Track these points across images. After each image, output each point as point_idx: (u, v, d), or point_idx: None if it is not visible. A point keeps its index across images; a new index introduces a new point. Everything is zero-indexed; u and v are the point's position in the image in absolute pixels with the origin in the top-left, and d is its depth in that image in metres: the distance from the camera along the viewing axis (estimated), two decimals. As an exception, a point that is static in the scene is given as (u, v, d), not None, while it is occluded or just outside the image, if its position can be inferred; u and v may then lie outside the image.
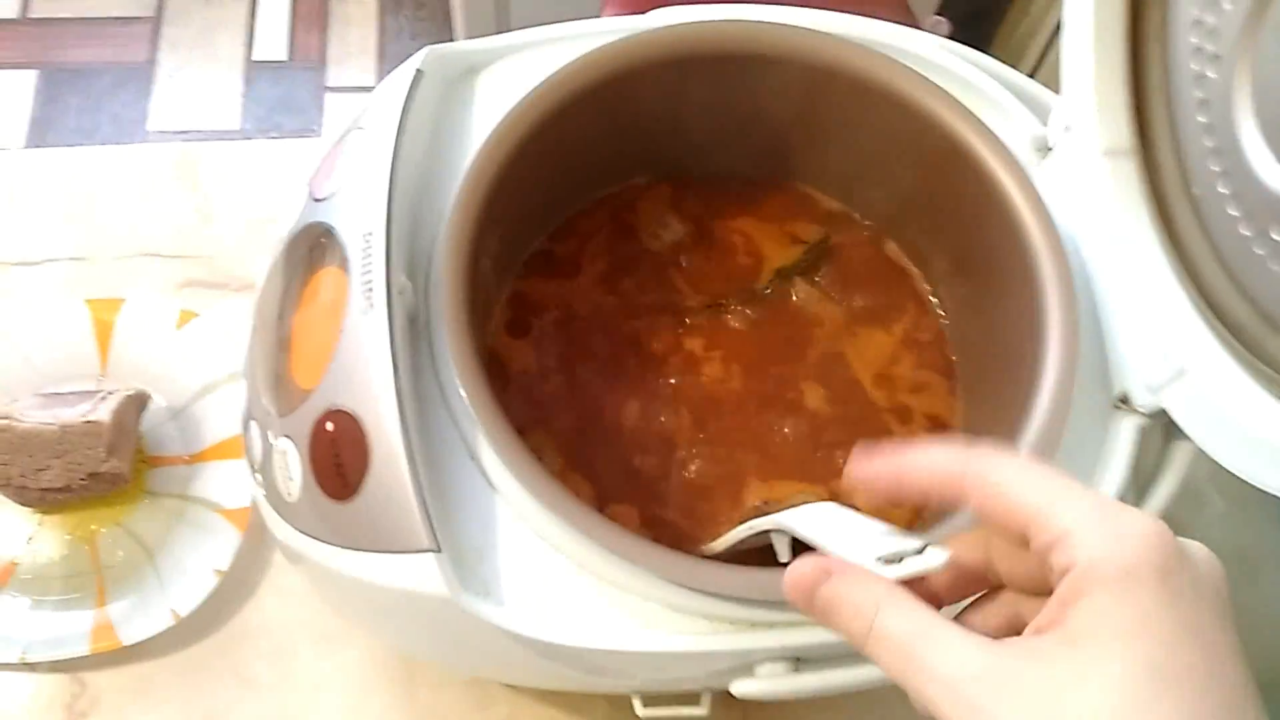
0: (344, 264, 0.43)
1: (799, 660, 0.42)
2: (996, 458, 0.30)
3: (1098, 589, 0.26)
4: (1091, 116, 0.46)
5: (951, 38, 0.53)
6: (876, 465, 0.33)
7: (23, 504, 0.60)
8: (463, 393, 0.42)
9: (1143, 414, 0.45)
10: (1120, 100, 0.45)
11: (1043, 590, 0.29)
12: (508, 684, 0.58)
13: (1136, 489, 0.45)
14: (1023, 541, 0.29)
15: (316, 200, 0.45)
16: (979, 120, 0.48)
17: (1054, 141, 0.49)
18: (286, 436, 0.43)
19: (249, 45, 1.78)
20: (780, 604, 0.41)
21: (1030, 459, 0.32)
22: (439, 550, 0.39)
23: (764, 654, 0.41)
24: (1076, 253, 0.47)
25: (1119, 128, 0.45)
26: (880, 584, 0.30)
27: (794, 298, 0.55)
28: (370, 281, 0.41)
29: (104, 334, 0.64)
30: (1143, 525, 0.27)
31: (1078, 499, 0.28)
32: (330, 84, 1.75)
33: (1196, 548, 0.28)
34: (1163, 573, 0.26)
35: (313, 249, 0.45)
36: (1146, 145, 0.45)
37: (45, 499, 0.59)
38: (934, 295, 0.56)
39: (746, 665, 0.42)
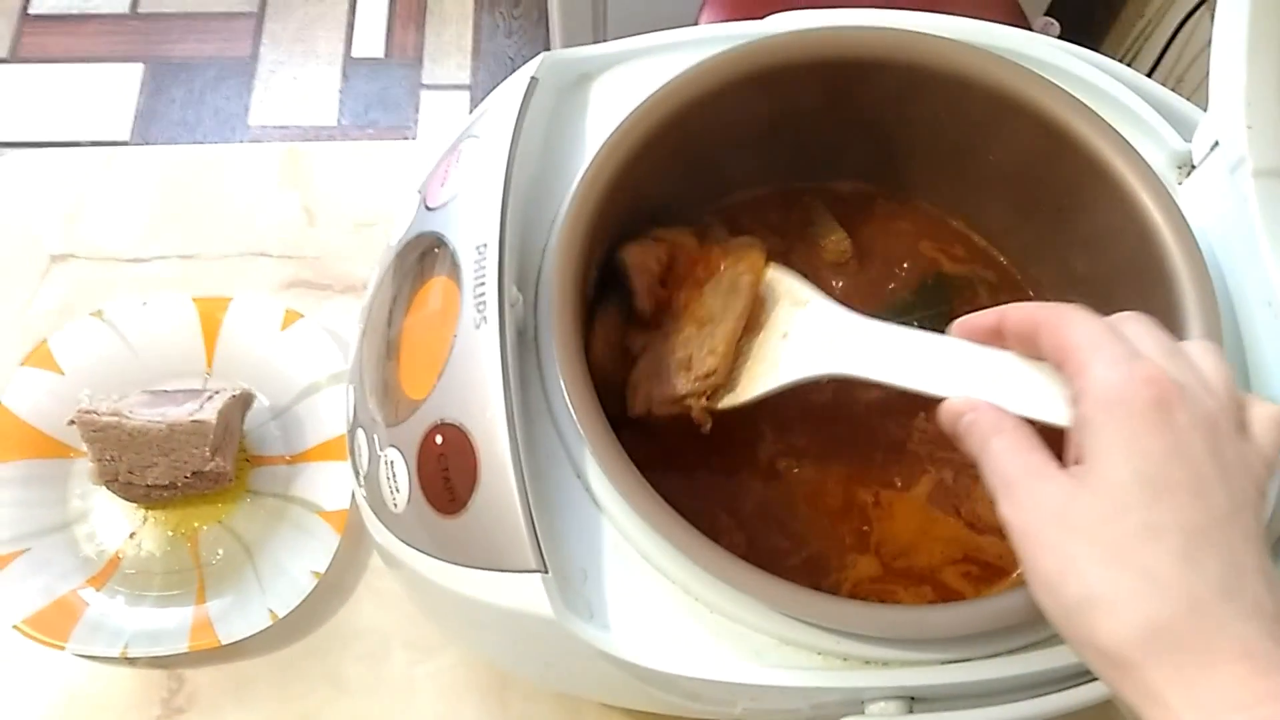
0: (456, 275, 0.42)
1: (913, 700, 0.40)
2: (1063, 306, 0.35)
3: (1099, 414, 0.31)
4: (1242, 135, 0.43)
5: (1061, 38, 0.51)
6: (975, 320, 0.39)
7: (128, 500, 0.61)
8: (571, 410, 0.41)
9: (1290, 453, 0.42)
10: (1274, 117, 0.42)
11: None
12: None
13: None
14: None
15: (429, 209, 0.45)
16: (1119, 135, 0.45)
17: (1198, 159, 0.46)
18: (394, 446, 0.42)
19: (348, 41, 1.80)
20: (897, 641, 0.39)
21: (1088, 310, 0.35)
22: (546, 571, 0.38)
23: (877, 693, 0.40)
24: (1220, 278, 0.45)
25: (1273, 147, 0.42)
26: (1005, 417, 0.35)
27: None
28: (483, 294, 0.40)
29: (211, 332, 0.65)
30: (1144, 365, 0.32)
31: (1108, 343, 0.33)
32: (426, 81, 1.77)
33: (1198, 387, 0.32)
34: (1156, 403, 0.31)
35: (424, 257, 0.44)
36: (1303, 167, 0.42)
37: (150, 495, 0.60)
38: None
39: (857, 702, 0.40)
